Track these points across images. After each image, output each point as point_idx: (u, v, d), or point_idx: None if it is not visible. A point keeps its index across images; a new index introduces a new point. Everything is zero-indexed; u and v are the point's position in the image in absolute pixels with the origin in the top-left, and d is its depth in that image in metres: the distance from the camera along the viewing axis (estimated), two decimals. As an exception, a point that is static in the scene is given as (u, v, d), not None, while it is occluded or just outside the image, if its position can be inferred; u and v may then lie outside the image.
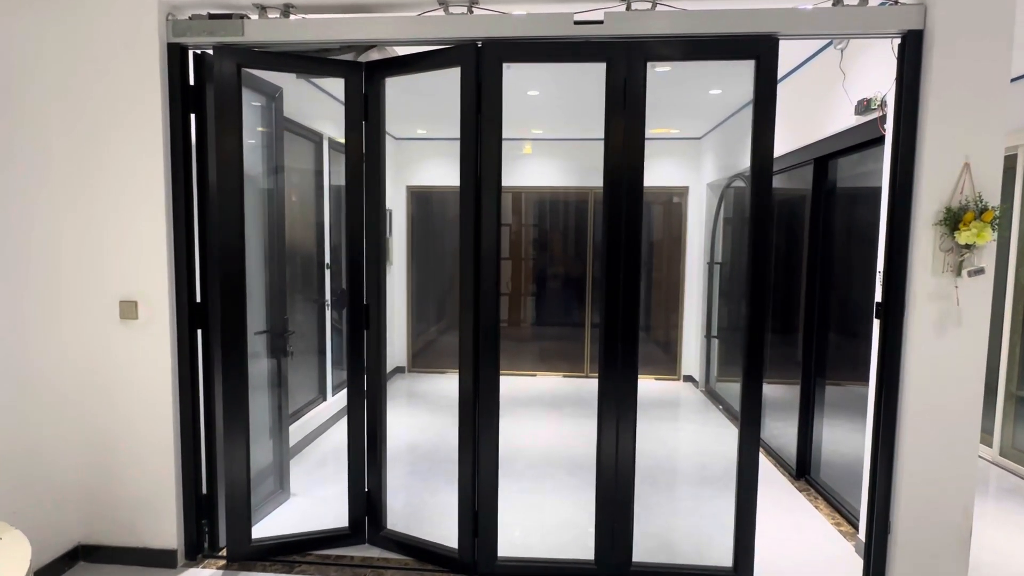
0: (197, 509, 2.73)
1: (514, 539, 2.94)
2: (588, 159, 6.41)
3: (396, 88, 2.78)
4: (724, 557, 2.86)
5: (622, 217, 2.52)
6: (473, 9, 2.48)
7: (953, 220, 2.28)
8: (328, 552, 2.82)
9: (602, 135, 2.52)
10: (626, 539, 2.63)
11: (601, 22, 2.40)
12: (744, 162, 4.94)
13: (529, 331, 7.10)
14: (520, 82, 4.32)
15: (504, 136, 2.51)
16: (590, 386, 6.30)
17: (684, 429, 4.98)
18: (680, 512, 3.37)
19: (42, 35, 2.48)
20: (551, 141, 6.47)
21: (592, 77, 2.51)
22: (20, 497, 2.43)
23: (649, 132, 6.38)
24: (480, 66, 2.47)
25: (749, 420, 2.54)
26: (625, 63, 2.43)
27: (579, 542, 2.94)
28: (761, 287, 2.49)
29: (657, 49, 2.43)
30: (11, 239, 2.38)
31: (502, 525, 2.67)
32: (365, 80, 2.73)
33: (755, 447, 2.54)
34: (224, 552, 2.77)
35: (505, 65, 2.48)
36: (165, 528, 2.68)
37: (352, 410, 2.85)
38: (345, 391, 2.91)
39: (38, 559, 2.50)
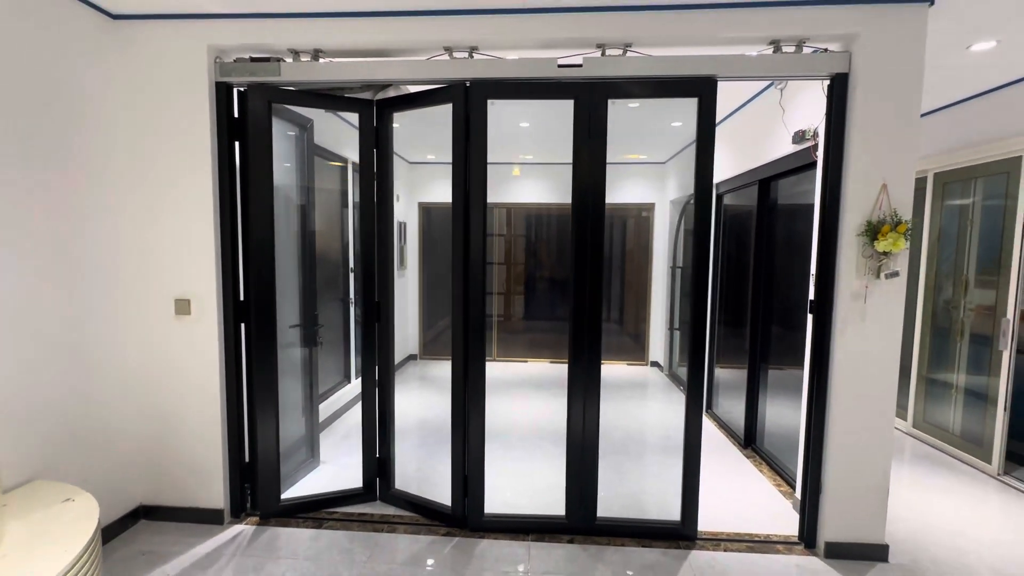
0: (241, 475, 2.73)
1: (507, 499, 2.95)
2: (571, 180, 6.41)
3: (408, 120, 2.79)
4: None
5: (588, 228, 2.52)
6: (473, 55, 2.49)
7: (873, 231, 2.31)
8: (350, 510, 2.83)
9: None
10: (591, 498, 2.64)
11: (580, 65, 2.41)
12: (701, 183, 4.96)
13: (522, 324, 7.11)
14: (514, 116, 4.33)
15: (501, 160, 2.53)
16: (573, 370, 6.32)
17: (651, 407, 5.00)
18: (647, 476, 3.39)
19: (109, 76, 2.48)
20: (540, 165, 6.48)
21: (570, 112, 2.52)
22: (91, 464, 2.42)
23: (622, 157, 6.38)
24: (468, 102, 2.47)
25: (694, 397, 2.54)
26: (589, 100, 2.44)
27: (563, 501, 2.95)
28: (703, 290, 2.50)
29: (616, 88, 2.44)
30: (87, 247, 2.37)
31: (497, 487, 2.69)
32: (376, 115, 2.77)
33: (698, 420, 2.54)
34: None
35: (491, 101, 2.49)
36: (214, 491, 2.67)
37: (365, 388, 2.89)
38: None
39: (106, 517, 2.49)
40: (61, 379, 2.28)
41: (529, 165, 6.47)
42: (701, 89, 2.39)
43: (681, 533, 2.60)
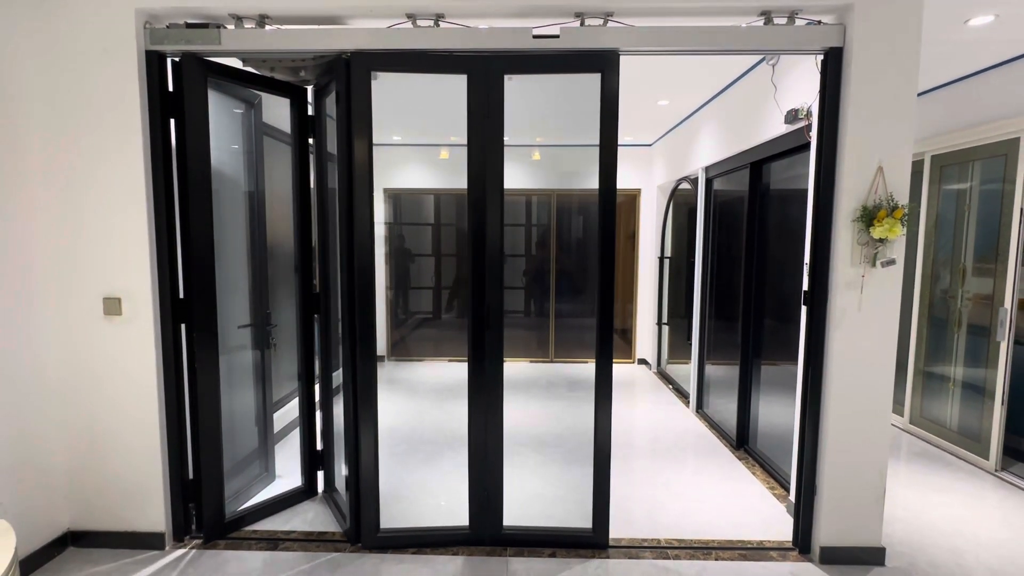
0: (183, 493, 2.64)
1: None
2: (552, 164, 6.39)
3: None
4: (674, 522, 2.92)
5: (485, 219, 2.51)
6: (440, 23, 2.43)
7: (868, 217, 2.35)
8: (309, 528, 2.77)
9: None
10: (497, 506, 2.65)
11: (557, 36, 2.38)
12: (689, 166, 5.01)
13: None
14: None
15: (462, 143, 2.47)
16: (557, 370, 6.35)
17: (638, 407, 5.04)
18: (635, 483, 3.40)
19: (19, 41, 2.34)
20: (517, 147, 6.43)
21: (557, 88, 2.48)
22: (8, 487, 2.31)
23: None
24: (350, 76, 2.42)
25: (602, 396, 2.56)
26: (484, 75, 2.42)
27: (545, 512, 2.95)
28: (609, 284, 2.53)
29: (512, 63, 2.42)
30: (-8, 239, 2.24)
31: (461, 499, 2.67)
32: (314, 99, 2.82)
33: (608, 421, 2.56)
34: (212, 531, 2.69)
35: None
36: (153, 512, 2.58)
37: (303, 383, 3.07)
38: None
39: (28, 545, 2.38)
40: (-31, 391, 2.16)
41: (507, 147, 6.42)
42: (602, 64, 2.38)
43: (592, 541, 2.63)
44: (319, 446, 3.15)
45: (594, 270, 2.57)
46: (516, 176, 6.51)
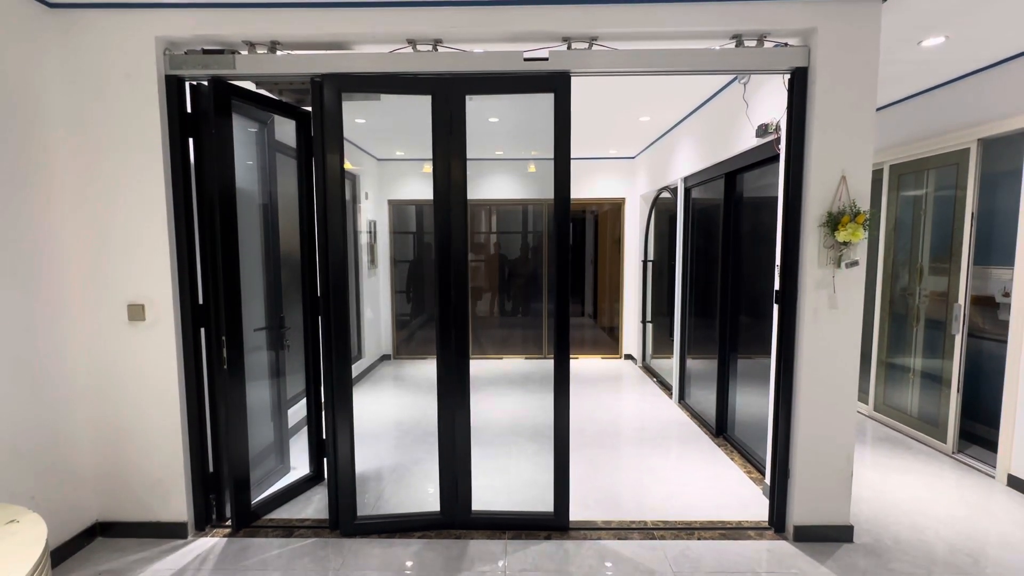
0: (204, 485, 2.62)
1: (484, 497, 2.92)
2: (546, 175, 6.41)
3: (374, 116, 2.72)
4: (659, 505, 2.92)
5: (450, 227, 2.48)
6: (437, 47, 2.43)
7: (833, 222, 2.36)
8: (321, 516, 2.75)
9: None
10: (466, 492, 2.64)
11: (547, 59, 2.39)
12: (670, 176, 5.02)
13: (496, 320, 7.10)
14: (482, 111, 4.27)
15: (475, 156, 2.44)
16: (551, 366, 6.34)
17: (625, 399, 5.04)
18: (623, 468, 3.40)
19: (48, 64, 2.32)
20: (512, 161, 6.44)
21: (538, 105, 2.48)
22: (39, 482, 2.28)
23: (593, 152, 6.35)
24: (323, 97, 2.41)
25: (560, 388, 2.56)
26: (446, 95, 2.41)
27: (539, 498, 2.94)
28: (564, 288, 2.54)
29: (472, 84, 2.42)
30: (27, 253, 2.22)
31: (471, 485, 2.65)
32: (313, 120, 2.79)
33: (566, 412, 2.56)
34: (229, 521, 2.67)
35: (468, 97, 2.43)
36: (176, 503, 2.56)
37: (308, 377, 3.07)
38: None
39: (58, 536, 2.36)
40: (2, 390, 2.13)
41: (502, 161, 6.43)
42: (555, 84, 2.38)
43: (553, 524, 2.63)
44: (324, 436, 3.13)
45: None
46: (513, 187, 6.52)
